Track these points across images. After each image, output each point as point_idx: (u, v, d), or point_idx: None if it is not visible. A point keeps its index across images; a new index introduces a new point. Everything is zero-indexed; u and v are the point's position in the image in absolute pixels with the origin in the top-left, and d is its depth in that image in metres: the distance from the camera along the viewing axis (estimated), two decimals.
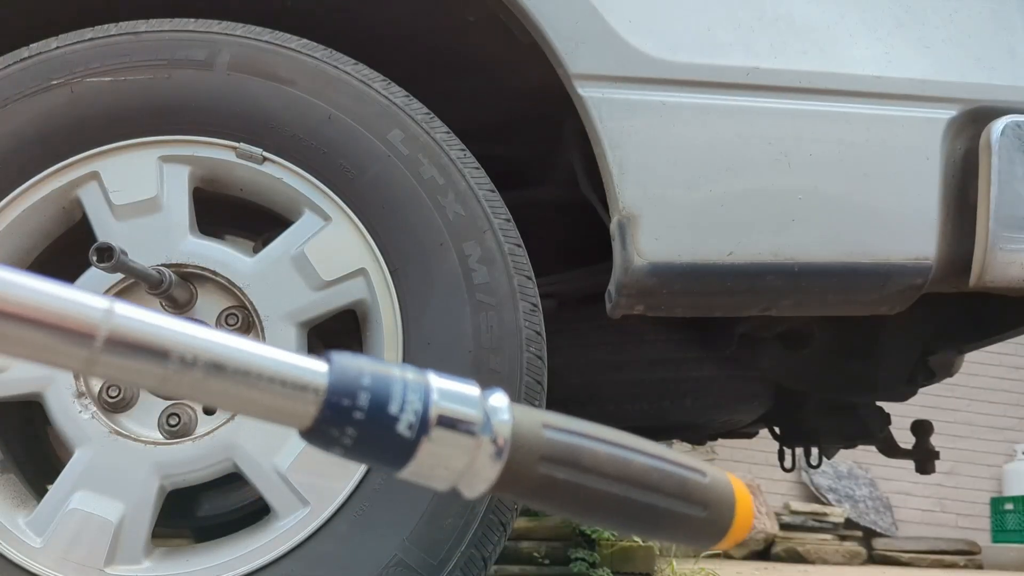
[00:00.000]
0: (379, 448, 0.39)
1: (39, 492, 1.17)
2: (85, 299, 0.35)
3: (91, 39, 1.18)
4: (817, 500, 7.51)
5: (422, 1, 1.36)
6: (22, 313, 0.34)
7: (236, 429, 1.10)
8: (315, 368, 0.38)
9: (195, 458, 1.10)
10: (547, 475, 0.43)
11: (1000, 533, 7.53)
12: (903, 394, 1.93)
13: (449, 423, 0.40)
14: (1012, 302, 1.33)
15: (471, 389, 0.43)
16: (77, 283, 1.14)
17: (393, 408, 0.39)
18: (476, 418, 0.41)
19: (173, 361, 0.36)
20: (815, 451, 2.42)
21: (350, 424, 0.38)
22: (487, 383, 1.11)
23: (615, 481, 0.45)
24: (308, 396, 0.37)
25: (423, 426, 0.40)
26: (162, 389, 0.36)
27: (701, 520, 0.48)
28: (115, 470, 1.09)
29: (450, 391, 0.41)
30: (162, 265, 1.12)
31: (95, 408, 1.11)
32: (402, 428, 0.39)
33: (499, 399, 0.43)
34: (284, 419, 0.38)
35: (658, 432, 2.76)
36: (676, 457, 0.48)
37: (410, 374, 0.41)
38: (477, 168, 1.19)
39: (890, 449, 2.22)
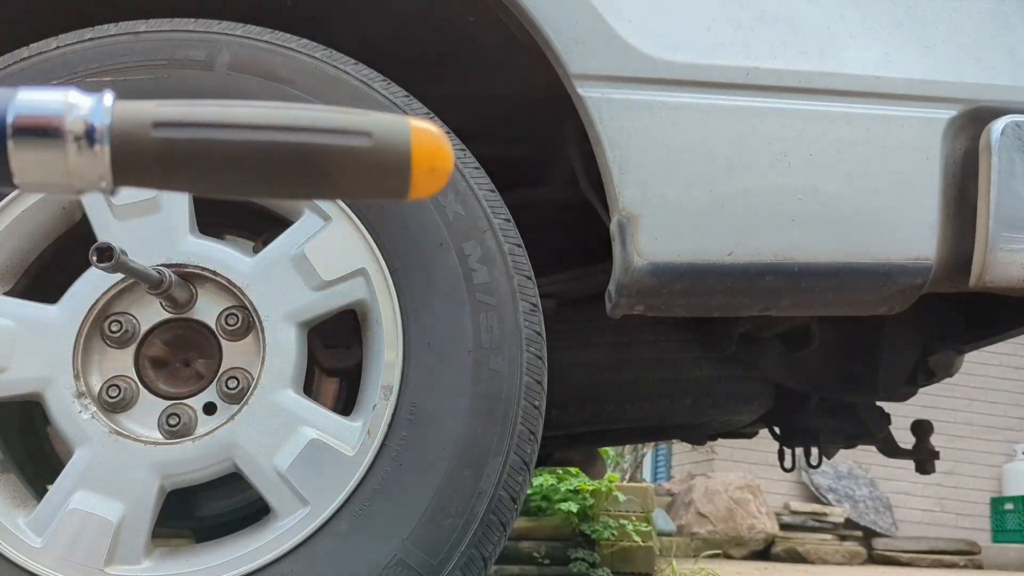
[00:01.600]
0: None
1: (39, 492, 1.17)
2: None
3: (91, 39, 1.18)
4: (817, 500, 7.52)
5: (422, 2, 1.36)
6: None
7: (236, 429, 1.10)
8: None
9: (195, 458, 1.10)
10: (165, 139, 0.42)
11: (1000, 533, 7.53)
12: (903, 394, 1.93)
13: (29, 128, 0.41)
14: (1012, 302, 1.33)
15: (56, 93, 0.42)
16: (77, 283, 1.14)
17: None
18: (56, 119, 0.41)
19: None
20: (815, 451, 2.42)
21: None
22: (487, 383, 1.11)
23: (251, 129, 0.43)
24: None
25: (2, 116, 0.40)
26: None
27: (369, 152, 0.43)
28: (115, 470, 1.09)
29: (33, 98, 0.41)
30: (162, 265, 1.12)
31: (95, 408, 1.11)
32: None
33: (94, 98, 0.43)
34: None
35: (658, 432, 2.76)
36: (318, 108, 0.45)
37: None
38: (477, 168, 1.19)
39: (890, 449, 2.22)
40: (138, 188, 0.43)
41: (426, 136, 0.45)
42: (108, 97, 0.43)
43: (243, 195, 0.44)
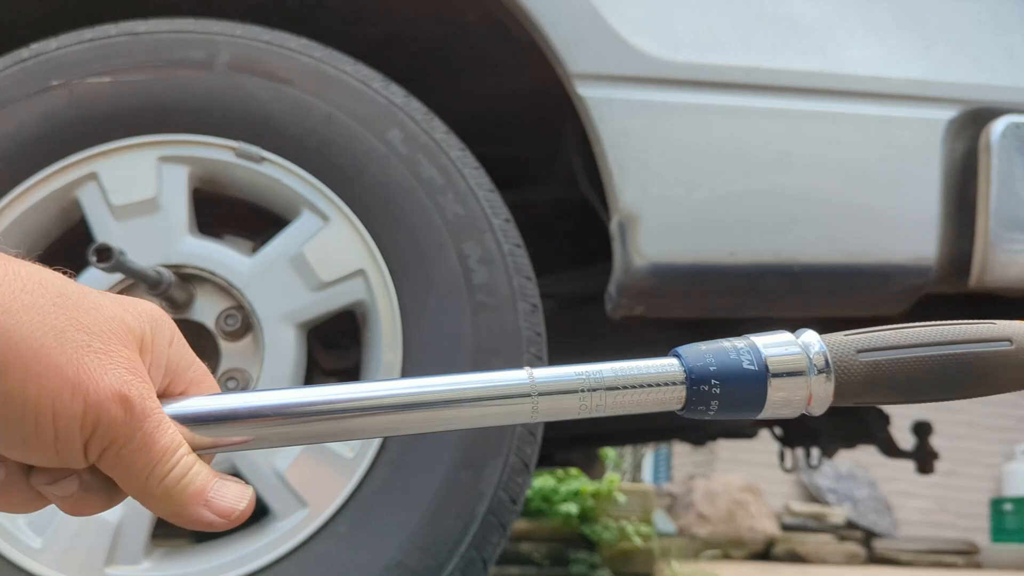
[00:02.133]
0: (737, 409, 0.52)
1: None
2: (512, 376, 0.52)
3: (91, 40, 1.18)
4: (817, 501, 7.52)
5: (421, 2, 1.36)
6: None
7: None
8: (672, 367, 0.52)
9: None
10: (869, 362, 0.53)
11: (1000, 533, 7.53)
12: None
13: (782, 370, 0.52)
14: (1012, 302, 1.33)
15: (784, 336, 0.53)
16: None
17: (733, 359, 0.52)
18: (801, 359, 0.52)
19: (584, 394, 0.52)
20: (815, 452, 2.42)
21: (712, 399, 0.51)
22: None
23: (926, 347, 0.54)
24: (677, 389, 0.52)
25: (761, 362, 0.52)
26: (587, 412, 0.52)
27: (1011, 353, 0.54)
28: None
29: (772, 343, 0.53)
30: (161, 266, 1.12)
31: None
32: (746, 364, 0.52)
33: (809, 336, 0.54)
34: (664, 407, 0.53)
35: (658, 432, 2.76)
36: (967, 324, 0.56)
37: (738, 342, 0.53)
38: (477, 168, 1.19)
39: (890, 449, 2.22)
40: (845, 404, 0.53)
41: None
42: (812, 333, 0.54)
43: (919, 401, 0.56)
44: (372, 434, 0.51)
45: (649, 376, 0.53)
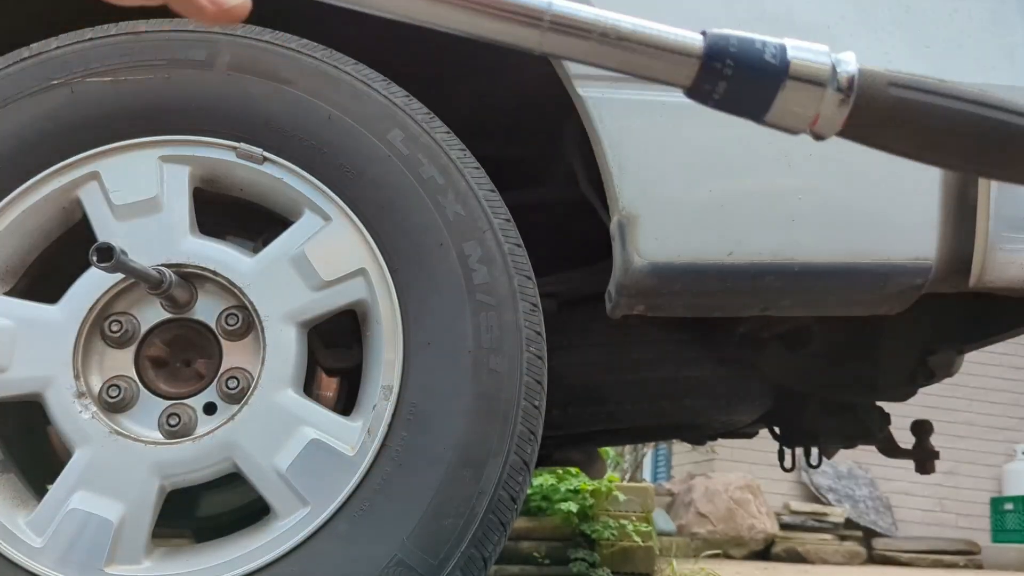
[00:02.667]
0: (742, 101, 0.49)
1: (39, 492, 1.17)
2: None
3: (91, 39, 1.18)
4: (817, 500, 7.52)
5: None
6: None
7: (236, 429, 1.10)
8: (693, 40, 0.49)
9: (195, 458, 1.10)
10: (898, 97, 0.48)
11: (1000, 533, 7.53)
12: (903, 394, 1.93)
13: (802, 75, 0.48)
14: (1012, 302, 1.33)
15: (819, 46, 0.50)
16: (77, 283, 1.14)
17: (757, 48, 0.49)
18: (825, 70, 0.48)
19: (594, 41, 0.48)
20: (815, 451, 2.42)
21: (720, 79, 0.48)
22: (487, 383, 1.11)
23: (965, 101, 0.49)
24: (690, 63, 0.49)
25: (783, 60, 0.48)
26: (592, 56, 0.50)
27: None
28: (115, 470, 1.09)
29: (803, 46, 0.49)
30: (162, 265, 1.12)
31: (95, 408, 1.11)
32: (768, 56, 0.48)
33: (847, 55, 0.50)
34: (662, 76, 0.50)
35: (658, 432, 2.76)
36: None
37: (770, 39, 0.50)
38: (477, 168, 1.19)
39: (890, 449, 2.22)
40: (857, 142, 0.48)
41: None
42: (851, 55, 0.49)
43: (948, 165, 0.50)
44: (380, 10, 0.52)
45: (667, 41, 0.51)
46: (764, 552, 6.68)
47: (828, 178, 1.20)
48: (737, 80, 0.49)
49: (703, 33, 0.51)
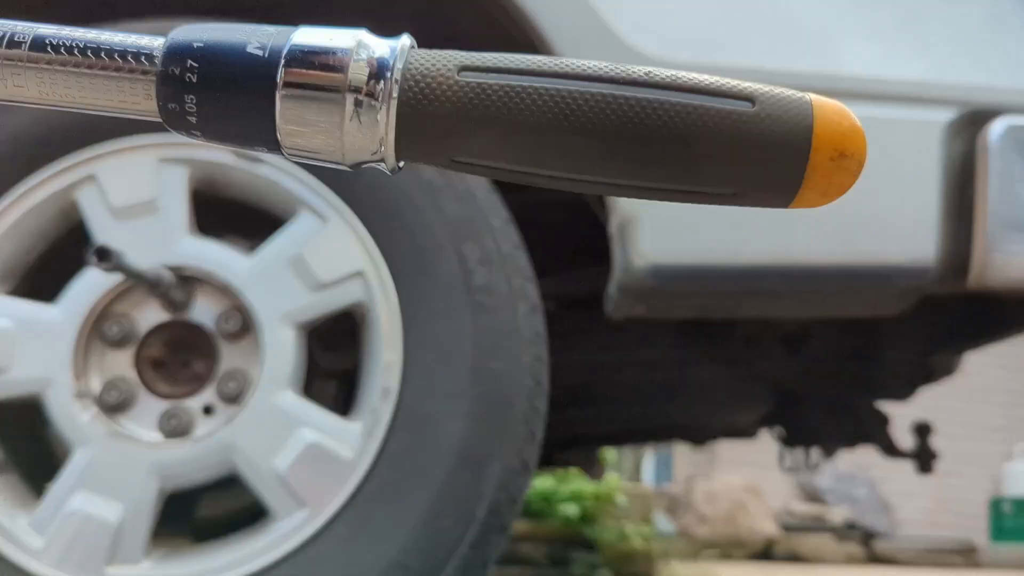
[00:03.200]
0: (223, 119, 0.31)
1: (39, 492, 1.17)
2: None
3: None
4: (817, 501, 7.52)
5: (418, 3, 1.36)
6: None
7: (234, 430, 1.10)
8: (149, 43, 0.32)
9: (194, 459, 1.10)
10: (474, 84, 0.31)
11: (999, 533, 7.52)
12: (903, 394, 1.93)
13: (308, 67, 0.32)
14: (1012, 302, 1.33)
15: (345, 31, 0.33)
16: (76, 284, 1.13)
17: (236, 39, 0.32)
18: (346, 59, 0.32)
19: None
20: (815, 452, 2.42)
21: (187, 91, 0.31)
22: (487, 385, 1.11)
23: (582, 80, 0.31)
24: (143, 76, 0.32)
25: (277, 56, 0.31)
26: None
27: (751, 120, 0.32)
28: (114, 471, 1.09)
29: (317, 31, 0.33)
30: (160, 267, 1.12)
31: (94, 409, 1.11)
32: (252, 48, 0.31)
33: (392, 40, 0.34)
34: (131, 108, 0.33)
35: (659, 433, 2.76)
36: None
37: (271, 28, 0.33)
38: None
39: (890, 449, 2.22)
40: (422, 158, 0.33)
41: (832, 111, 0.34)
42: (406, 39, 0.34)
43: (557, 171, 0.33)
44: None
45: (115, 47, 0.33)
46: (764, 553, 6.68)
47: None
48: (206, 86, 0.31)
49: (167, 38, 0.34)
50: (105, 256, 1.00)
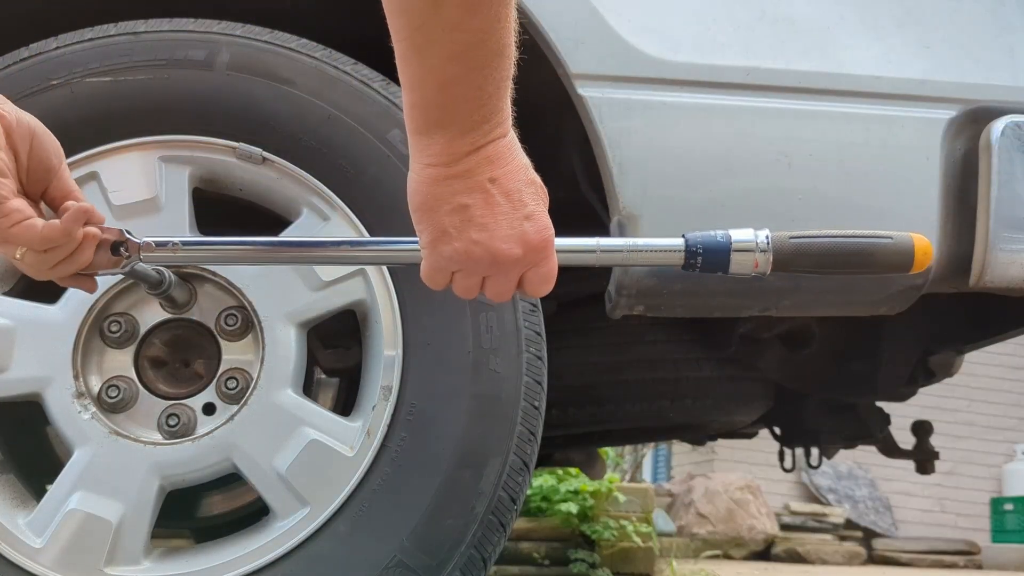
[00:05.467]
0: (713, 265, 0.84)
1: (39, 492, 1.17)
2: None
3: (91, 39, 1.18)
4: (817, 500, 7.52)
5: None
6: None
7: (235, 429, 1.10)
8: (676, 243, 0.85)
9: (194, 458, 1.10)
10: (795, 243, 0.83)
11: (1000, 533, 7.53)
12: (903, 394, 1.93)
13: (740, 246, 0.84)
14: (1012, 302, 1.33)
15: (747, 233, 0.84)
16: None
17: (713, 238, 0.84)
18: (751, 238, 0.83)
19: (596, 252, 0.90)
20: (815, 451, 2.42)
21: (697, 255, 0.84)
22: (487, 384, 1.11)
23: (832, 237, 0.84)
24: (677, 255, 0.85)
25: (727, 241, 0.83)
26: (597, 263, 0.90)
27: (890, 244, 0.83)
28: (114, 470, 1.09)
29: (739, 231, 0.84)
30: (162, 265, 1.12)
31: (95, 408, 1.11)
32: (719, 238, 0.84)
33: (764, 230, 0.84)
34: (670, 262, 0.85)
35: (658, 432, 2.76)
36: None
37: (720, 231, 0.84)
38: None
39: (890, 449, 2.22)
40: (780, 269, 0.84)
41: (920, 241, 0.84)
42: (766, 230, 0.84)
43: (835, 273, 0.86)
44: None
45: (664, 245, 0.85)
46: (764, 553, 6.68)
47: (828, 179, 1.20)
48: (706, 256, 0.84)
49: (683, 236, 0.84)
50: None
